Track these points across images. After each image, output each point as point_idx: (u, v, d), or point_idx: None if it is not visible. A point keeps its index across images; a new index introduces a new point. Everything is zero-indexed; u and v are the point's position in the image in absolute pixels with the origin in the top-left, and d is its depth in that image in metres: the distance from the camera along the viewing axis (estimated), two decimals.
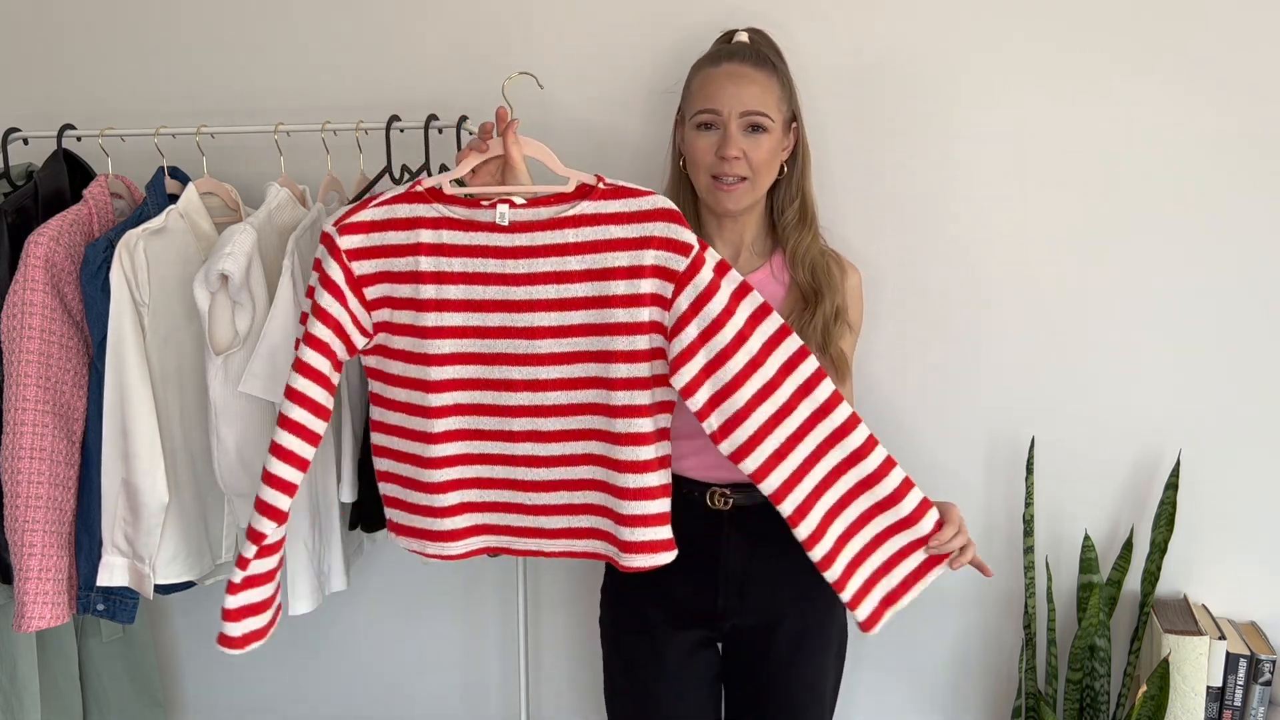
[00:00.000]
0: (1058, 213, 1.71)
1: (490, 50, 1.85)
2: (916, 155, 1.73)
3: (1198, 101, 1.64)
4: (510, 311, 1.31)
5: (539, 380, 1.33)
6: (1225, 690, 1.62)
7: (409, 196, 1.33)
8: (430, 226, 1.32)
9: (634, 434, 1.32)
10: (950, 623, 1.86)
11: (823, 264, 1.52)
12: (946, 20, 1.69)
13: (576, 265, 1.30)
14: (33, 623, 1.58)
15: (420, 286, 1.31)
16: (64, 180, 1.72)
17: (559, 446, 1.35)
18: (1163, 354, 1.71)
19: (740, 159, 1.45)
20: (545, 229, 1.30)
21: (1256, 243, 1.65)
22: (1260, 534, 1.72)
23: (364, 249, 1.32)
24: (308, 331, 1.33)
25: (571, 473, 1.36)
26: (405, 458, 1.39)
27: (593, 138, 1.83)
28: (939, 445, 1.81)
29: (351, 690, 2.15)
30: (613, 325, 1.30)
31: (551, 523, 1.39)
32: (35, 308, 1.56)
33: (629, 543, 1.35)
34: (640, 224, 1.29)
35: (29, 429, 1.57)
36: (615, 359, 1.31)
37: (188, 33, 1.95)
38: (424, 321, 1.32)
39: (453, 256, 1.31)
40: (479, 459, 1.37)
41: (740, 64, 1.47)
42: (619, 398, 1.32)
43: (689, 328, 1.29)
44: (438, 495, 1.37)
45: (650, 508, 1.34)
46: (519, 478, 1.37)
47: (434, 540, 1.40)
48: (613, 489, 1.35)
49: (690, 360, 1.30)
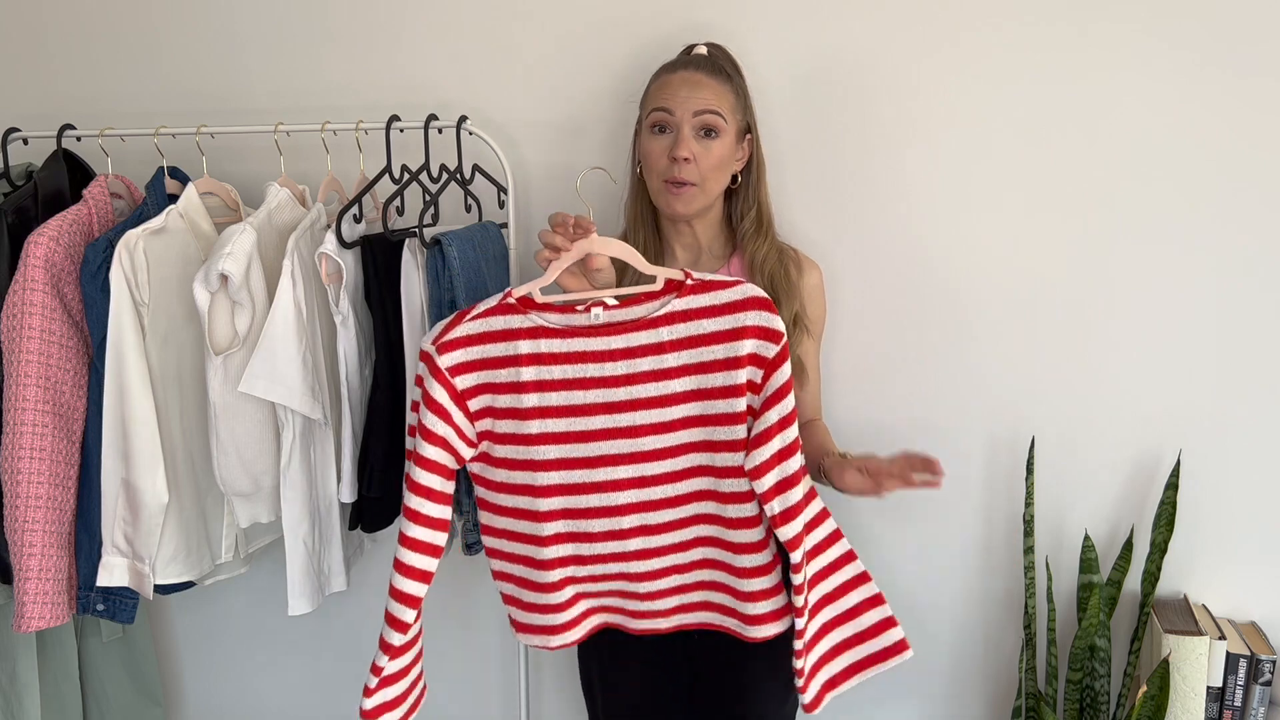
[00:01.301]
0: (1058, 213, 1.71)
1: (491, 50, 1.85)
2: (914, 155, 1.73)
3: (1192, 97, 1.63)
4: (612, 413, 1.35)
5: (645, 477, 1.37)
6: (1225, 690, 1.62)
7: (502, 309, 1.36)
8: (528, 337, 1.35)
9: (745, 518, 1.37)
10: (950, 623, 1.86)
11: (780, 270, 1.54)
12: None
13: (674, 362, 1.34)
14: (32, 623, 1.58)
15: (523, 396, 1.35)
16: (64, 180, 1.72)
17: (669, 536, 1.39)
18: (1163, 354, 1.71)
19: (690, 161, 1.46)
20: (640, 329, 1.34)
21: (1256, 242, 1.65)
22: (1260, 534, 1.72)
23: (464, 364, 1.35)
24: (418, 453, 1.35)
25: (683, 557, 1.41)
26: (518, 559, 1.42)
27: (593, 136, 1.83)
28: (939, 445, 1.80)
29: (351, 690, 2.14)
30: (714, 416, 1.34)
31: (665, 604, 1.43)
32: (35, 308, 1.56)
33: (753, 615, 1.40)
34: (733, 315, 1.33)
35: (29, 429, 1.57)
36: (720, 449, 1.35)
37: (188, 33, 1.95)
38: (528, 429, 1.35)
39: (553, 364, 1.34)
40: (591, 559, 1.41)
41: (695, 71, 1.51)
42: (727, 485, 1.36)
43: (770, 412, 1.33)
44: (553, 594, 1.41)
45: (766, 583, 1.39)
46: (630, 570, 1.41)
47: (555, 634, 1.44)
48: (729, 568, 1.40)
49: (766, 444, 1.33)
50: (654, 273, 1.34)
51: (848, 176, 1.76)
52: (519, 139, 1.85)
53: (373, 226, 1.72)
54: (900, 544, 1.85)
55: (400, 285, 1.61)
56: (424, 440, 1.35)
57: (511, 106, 1.85)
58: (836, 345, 1.78)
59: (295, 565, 1.64)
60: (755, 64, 1.68)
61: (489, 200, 1.83)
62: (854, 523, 1.85)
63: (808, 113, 1.75)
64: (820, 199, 1.77)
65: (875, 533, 1.85)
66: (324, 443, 1.66)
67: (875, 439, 1.82)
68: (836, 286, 1.77)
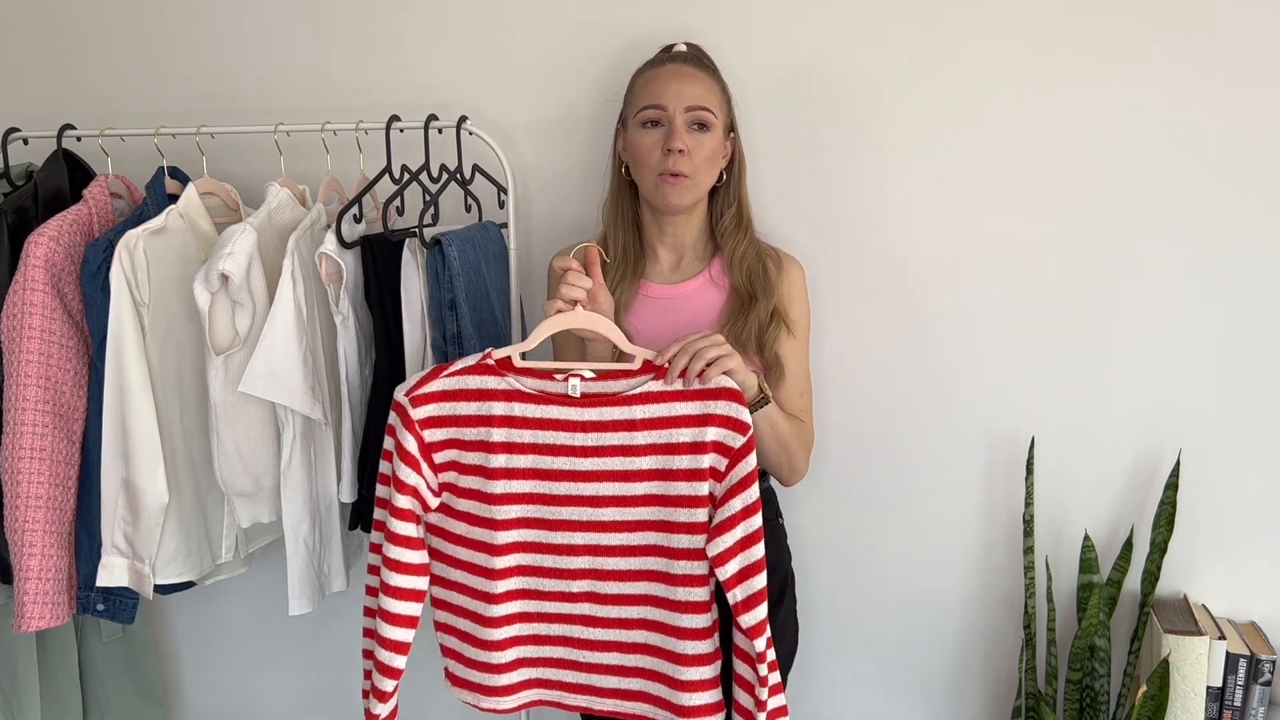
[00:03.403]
0: (1058, 213, 1.71)
1: (491, 50, 1.85)
2: (911, 155, 1.73)
3: (1196, 99, 1.64)
4: (576, 481, 1.37)
5: (600, 546, 1.38)
6: (1225, 690, 1.62)
7: (480, 369, 1.38)
8: (503, 399, 1.37)
9: (694, 602, 1.37)
10: (950, 623, 1.87)
11: (758, 266, 1.53)
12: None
13: (643, 440, 1.36)
14: (33, 623, 1.58)
15: (491, 455, 1.37)
16: (64, 180, 1.72)
17: (616, 609, 1.40)
18: (1162, 354, 1.71)
19: (685, 153, 1.46)
20: (614, 404, 1.36)
21: (1256, 243, 1.65)
22: (1260, 534, 1.72)
23: (435, 418, 1.38)
24: (393, 503, 1.38)
25: (626, 635, 1.41)
26: (465, 613, 1.43)
27: (592, 136, 1.83)
28: (939, 445, 1.81)
29: (351, 690, 2.14)
30: (675, 498, 1.36)
31: (603, 682, 1.43)
32: (35, 308, 1.56)
33: (686, 707, 1.39)
34: (704, 401, 1.35)
35: (29, 429, 1.57)
36: (677, 530, 1.36)
37: (188, 33, 1.95)
38: (492, 489, 1.37)
39: (524, 428, 1.37)
40: (537, 617, 1.42)
41: (683, 64, 1.51)
42: (679, 567, 1.37)
43: (734, 501, 1.35)
44: (495, 652, 1.42)
45: (706, 673, 1.39)
46: (575, 635, 1.42)
47: (489, 695, 1.44)
48: (669, 655, 1.40)
49: (729, 531, 1.35)
50: (633, 352, 1.36)
51: (850, 175, 1.76)
52: (519, 139, 1.85)
53: (373, 226, 1.72)
54: (900, 544, 1.85)
55: (400, 285, 1.61)
56: (397, 491, 1.38)
57: (511, 106, 1.85)
58: (835, 346, 1.79)
59: (295, 565, 1.64)
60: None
61: (489, 200, 1.83)
62: (854, 522, 1.85)
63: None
64: (821, 199, 1.77)
65: (875, 532, 1.85)
66: (324, 443, 1.66)
67: (874, 439, 1.83)
68: (835, 287, 1.77)
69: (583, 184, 1.82)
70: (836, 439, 1.82)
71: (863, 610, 1.88)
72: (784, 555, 1.62)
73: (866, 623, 1.88)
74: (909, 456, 1.82)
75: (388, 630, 1.39)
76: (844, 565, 1.86)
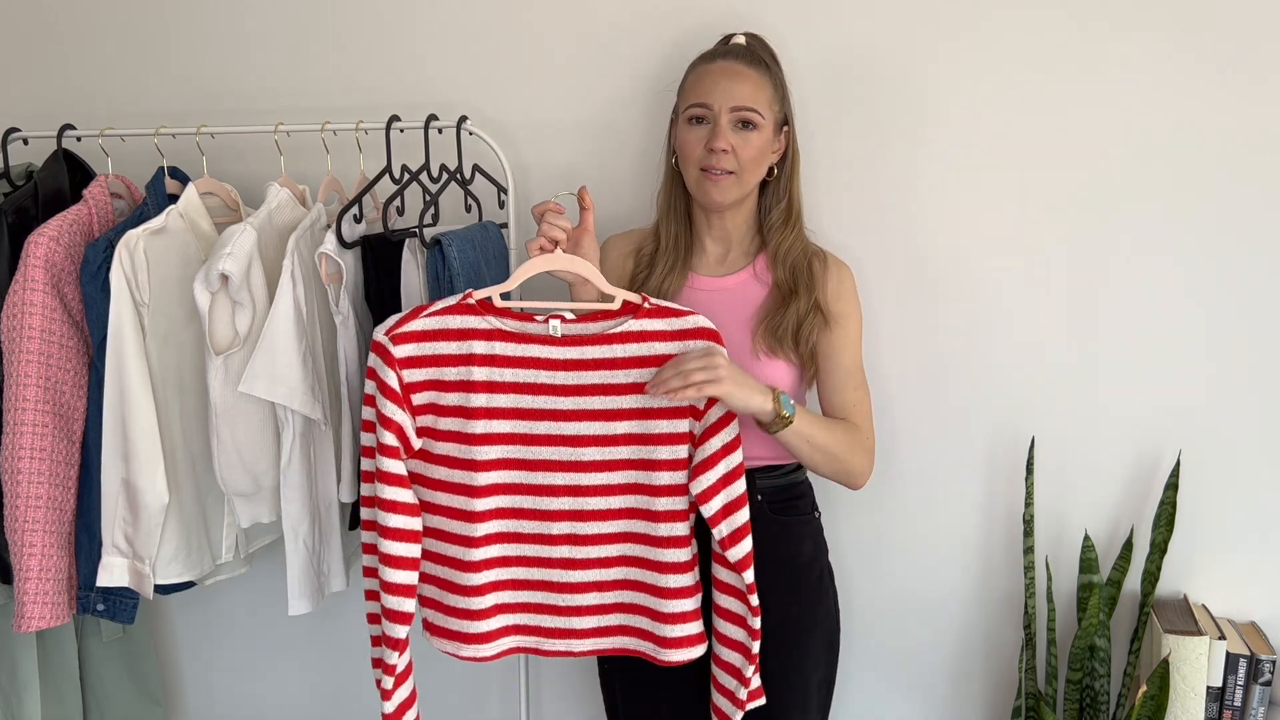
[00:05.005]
0: (1058, 212, 1.71)
1: (491, 50, 1.85)
2: (911, 154, 1.73)
3: (1200, 97, 1.63)
4: (557, 420, 1.38)
5: (581, 486, 1.39)
6: (1225, 690, 1.62)
7: (461, 308, 1.38)
8: (484, 338, 1.37)
9: (676, 537, 1.39)
10: (950, 623, 1.86)
11: (803, 262, 1.53)
12: (935, 19, 1.69)
13: (623, 379, 1.38)
14: (33, 623, 1.58)
15: (471, 395, 1.36)
16: (64, 180, 1.72)
17: (596, 549, 1.41)
18: (1163, 354, 1.71)
19: (728, 152, 1.46)
20: (594, 343, 1.37)
21: (1257, 243, 1.65)
22: (1260, 534, 1.72)
23: (414, 358, 1.37)
24: (380, 443, 1.37)
25: (605, 574, 1.42)
26: (443, 560, 1.42)
27: (592, 136, 1.83)
28: (939, 445, 1.81)
29: (352, 690, 2.14)
30: (656, 436, 1.38)
31: (581, 623, 1.44)
32: (35, 308, 1.56)
33: (670, 638, 1.41)
34: (683, 341, 1.38)
35: (29, 429, 1.57)
36: (658, 467, 1.38)
37: (188, 33, 1.95)
38: (472, 428, 1.37)
39: (505, 368, 1.37)
40: (516, 561, 1.42)
41: (734, 61, 1.49)
42: (661, 503, 1.39)
43: (714, 439, 1.38)
44: (475, 598, 1.41)
45: (688, 605, 1.41)
46: (554, 579, 1.42)
47: (468, 643, 1.43)
48: (652, 589, 1.41)
49: (711, 469, 1.38)
50: (613, 293, 1.38)
51: (844, 176, 1.76)
52: (519, 139, 1.85)
53: (373, 226, 1.72)
54: (900, 544, 1.85)
55: (400, 285, 1.61)
56: (384, 428, 1.36)
57: (511, 106, 1.85)
58: None
59: (295, 565, 1.64)
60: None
61: (489, 200, 1.83)
62: (853, 522, 1.85)
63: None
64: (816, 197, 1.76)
65: (875, 532, 1.85)
66: (324, 443, 1.66)
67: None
68: None
69: (582, 183, 1.82)
70: None
71: (862, 610, 1.87)
72: (820, 550, 1.61)
73: (866, 622, 1.88)
74: (909, 456, 1.82)
75: (391, 574, 1.38)
76: (843, 565, 1.85)
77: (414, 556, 1.40)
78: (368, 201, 1.72)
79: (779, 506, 1.54)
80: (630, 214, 1.79)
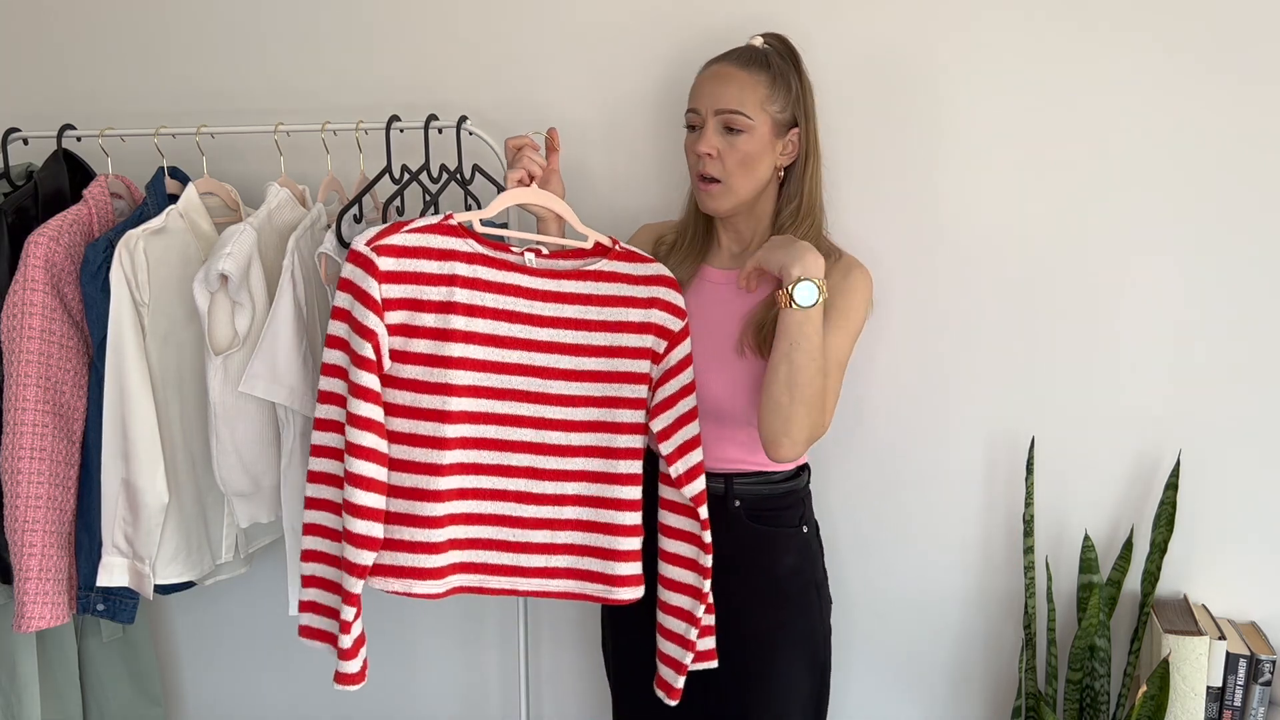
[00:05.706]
0: (1059, 211, 1.71)
1: (491, 50, 1.85)
2: (919, 153, 1.73)
3: (1200, 97, 1.63)
4: (530, 350, 1.38)
5: (545, 419, 1.40)
6: (1225, 690, 1.62)
7: (442, 228, 1.37)
8: (466, 261, 1.36)
9: (633, 474, 1.43)
10: (950, 623, 1.86)
11: None
12: (956, 18, 1.69)
13: (596, 316, 1.41)
14: (33, 623, 1.58)
15: (451, 317, 1.33)
16: (64, 180, 1.72)
17: (553, 485, 1.42)
18: (1163, 354, 1.71)
19: (714, 157, 1.46)
20: (571, 278, 1.39)
21: (1257, 243, 1.65)
22: (1260, 534, 1.72)
23: (394, 273, 1.32)
24: (359, 354, 1.30)
25: (559, 512, 1.43)
26: (404, 492, 1.35)
27: (593, 137, 1.83)
28: (939, 445, 1.81)
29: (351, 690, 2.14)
30: (621, 374, 1.42)
31: (530, 561, 1.43)
32: (35, 308, 1.56)
33: (621, 576, 1.43)
34: (649, 286, 1.44)
35: (29, 429, 1.57)
36: (621, 405, 1.42)
37: (188, 33, 1.95)
38: (448, 351, 1.33)
39: (486, 292, 1.37)
40: (473, 493, 1.39)
41: (728, 64, 1.48)
42: (622, 440, 1.42)
43: (671, 382, 1.44)
44: (434, 530, 1.35)
45: (636, 543, 1.45)
46: (506, 513, 1.41)
47: (423, 579, 1.35)
48: (605, 527, 1.43)
49: (668, 410, 1.44)
50: (586, 232, 1.42)
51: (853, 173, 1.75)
52: None
53: (373, 226, 1.72)
54: (900, 544, 1.85)
55: None
56: (361, 338, 1.30)
57: (511, 107, 1.85)
58: None
59: (295, 565, 1.64)
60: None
61: (489, 200, 1.82)
62: (853, 522, 1.85)
63: None
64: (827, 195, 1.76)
65: (874, 532, 1.85)
66: None
67: (873, 439, 1.83)
68: None
69: (582, 183, 1.82)
70: (836, 439, 1.82)
71: (862, 610, 1.87)
72: (808, 563, 1.56)
73: (866, 622, 1.88)
74: (908, 456, 1.82)
75: (358, 495, 1.30)
76: (843, 565, 1.85)
77: (384, 480, 1.33)
78: (368, 201, 1.72)
79: (758, 515, 1.52)
80: (637, 213, 1.79)
